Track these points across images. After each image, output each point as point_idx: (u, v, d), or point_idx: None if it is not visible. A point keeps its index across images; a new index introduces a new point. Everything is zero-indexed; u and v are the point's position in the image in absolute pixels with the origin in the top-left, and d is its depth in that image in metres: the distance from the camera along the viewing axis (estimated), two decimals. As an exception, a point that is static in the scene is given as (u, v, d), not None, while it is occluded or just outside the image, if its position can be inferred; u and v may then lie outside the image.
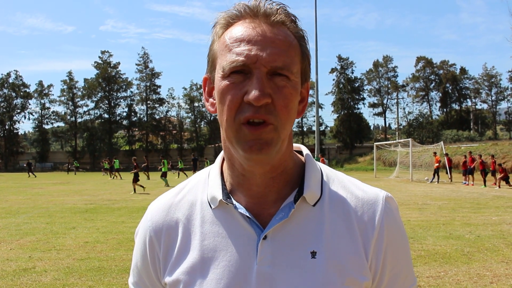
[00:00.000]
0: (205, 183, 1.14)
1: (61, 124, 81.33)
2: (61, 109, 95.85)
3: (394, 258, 1.07)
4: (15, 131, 79.24)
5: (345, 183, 1.12)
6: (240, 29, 0.99)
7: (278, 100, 0.95)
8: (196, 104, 77.58)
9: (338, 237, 1.04)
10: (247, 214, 1.03)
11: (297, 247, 1.02)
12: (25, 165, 54.90)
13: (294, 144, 1.19)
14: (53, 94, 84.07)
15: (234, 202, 1.05)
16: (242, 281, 1.01)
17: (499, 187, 25.37)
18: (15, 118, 78.98)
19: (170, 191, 1.19)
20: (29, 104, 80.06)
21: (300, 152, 1.19)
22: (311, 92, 70.27)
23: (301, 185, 1.07)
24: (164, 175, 29.87)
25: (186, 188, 1.17)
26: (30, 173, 48.17)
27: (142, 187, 24.18)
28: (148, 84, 79.75)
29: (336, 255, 1.02)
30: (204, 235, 1.07)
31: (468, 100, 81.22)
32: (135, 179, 23.63)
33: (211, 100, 1.09)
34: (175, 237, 1.10)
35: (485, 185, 26.53)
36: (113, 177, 42.04)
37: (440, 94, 79.34)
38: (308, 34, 1.06)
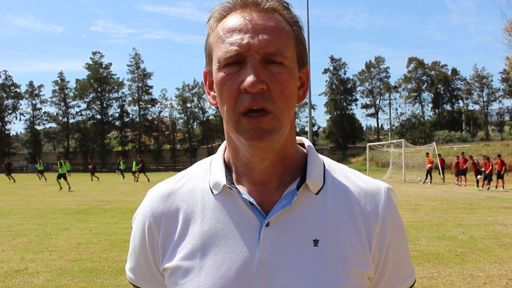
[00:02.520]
0: (207, 172, 1.14)
1: (53, 125, 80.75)
2: (52, 109, 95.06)
3: (396, 248, 1.09)
4: (6, 132, 78.68)
5: (347, 174, 1.13)
6: (232, 20, 1.00)
7: (274, 86, 0.96)
8: (188, 105, 77.29)
9: (341, 226, 1.04)
10: (251, 200, 1.03)
11: (299, 235, 1.02)
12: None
13: (296, 137, 1.19)
14: (44, 95, 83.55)
15: (238, 187, 1.05)
16: (243, 267, 1.01)
17: (503, 187, 25.07)
18: (6, 119, 78.36)
19: (169, 179, 1.18)
20: (20, 105, 79.53)
21: (302, 145, 1.19)
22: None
23: (303, 173, 1.07)
24: (59, 177, 26.56)
25: (187, 176, 1.17)
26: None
27: None
28: (140, 84, 79.26)
29: (339, 244, 1.02)
30: (205, 221, 1.06)
31: (460, 101, 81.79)
32: None
33: (212, 93, 1.09)
34: (175, 223, 1.09)
35: (477, 185, 26.61)
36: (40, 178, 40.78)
37: (432, 95, 79.68)
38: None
